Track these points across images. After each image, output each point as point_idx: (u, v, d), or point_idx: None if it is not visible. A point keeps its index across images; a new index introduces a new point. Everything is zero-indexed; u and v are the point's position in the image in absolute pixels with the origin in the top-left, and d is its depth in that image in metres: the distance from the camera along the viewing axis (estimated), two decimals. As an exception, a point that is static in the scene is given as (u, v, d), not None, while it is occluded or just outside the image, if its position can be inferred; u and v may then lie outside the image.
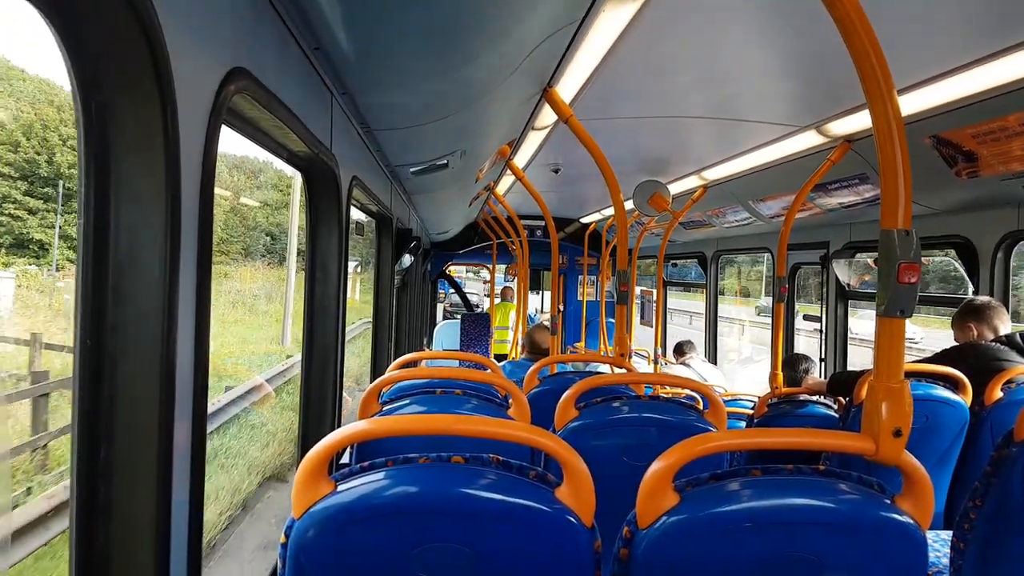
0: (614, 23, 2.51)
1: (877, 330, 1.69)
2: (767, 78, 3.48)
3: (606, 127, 4.35)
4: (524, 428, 1.59)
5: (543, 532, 1.45)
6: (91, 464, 1.24)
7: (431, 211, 7.28)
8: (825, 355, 6.32)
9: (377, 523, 1.43)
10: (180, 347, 1.31)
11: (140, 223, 1.24)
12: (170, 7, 1.20)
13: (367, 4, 1.71)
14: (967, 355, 3.39)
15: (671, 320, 18.75)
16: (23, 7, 1.07)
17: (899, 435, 1.62)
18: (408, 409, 2.54)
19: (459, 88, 2.60)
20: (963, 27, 2.57)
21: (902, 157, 1.62)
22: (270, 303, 21.95)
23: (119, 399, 1.25)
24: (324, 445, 1.47)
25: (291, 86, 1.99)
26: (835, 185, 4.77)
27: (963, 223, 4.56)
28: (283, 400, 12.14)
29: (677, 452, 1.53)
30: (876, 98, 1.63)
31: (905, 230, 1.64)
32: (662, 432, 2.47)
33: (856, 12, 1.61)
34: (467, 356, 4.48)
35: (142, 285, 1.25)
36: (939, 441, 3.13)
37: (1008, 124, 3.11)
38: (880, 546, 1.52)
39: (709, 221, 7.38)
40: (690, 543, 1.50)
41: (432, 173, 4.28)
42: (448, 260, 12.19)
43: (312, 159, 2.49)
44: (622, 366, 3.73)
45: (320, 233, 2.78)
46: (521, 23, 2.12)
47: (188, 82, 1.29)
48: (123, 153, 1.22)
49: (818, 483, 1.58)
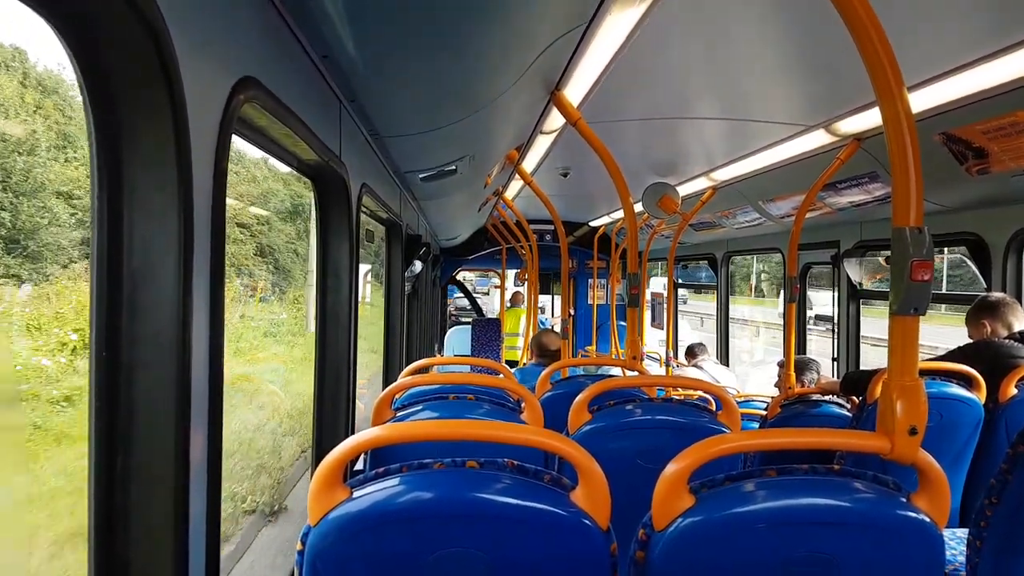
0: (621, 25, 2.51)
1: (891, 328, 1.69)
2: (775, 77, 3.48)
3: (614, 129, 4.35)
4: (538, 432, 1.60)
5: (559, 536, 1.45)
6: (109, 474, 1.25)
7: (440, 217, 7.29)
8: (837, 355, 6.29)
9: (393, 529, 1.43)
10: (195, 358, 1.31)
11: (153, 235, 1.25)
12: (180, 18, 1.21)
13: (375, 12, 1.72)
14: (981, 352, 3.36)
15: (702, 326, 18.45)
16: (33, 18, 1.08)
17: (915, 433, 1.61)
18: (421, 415, 2.55)
19: (467, 94, 2.60)
20: (972, 23, 2.56)
21: (913, 154, 1.62)
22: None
23: (136, 411, 1.26)
24: (339, 452, 1.48)
25: (300, 95, 2.01)
26: (845, 184, 4.75)
27: (974, 220, 4.54)
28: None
29: (692, 454, 1.53)
30: (886, 96, 1.62)
31: (918, 228, 1.63)
32: (676, 434, 2.46)
33: (865, 9, 1.60)
34: (479, 361, 4.49)
35: (157, 297, 1.25)
36: (954, 439, 3.11)
37: (1018, 120, 3.09)
38: (897, 545, 1.52)
39: (719, 222, 7.37)
40: (706, 544, 1.50)
41: (441, 179, 4.29)
42: (458, 266, 12.20)
43: (322, 167, 2.50)
44: (634, 369, 3.72)
45: (331, 241, 2.79)
46: (528, 27, 2.13)
47: (198, 93, 1.30)
48: (135, 166, 1.23)
49: (834, 482, 1.58)
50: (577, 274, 12.00)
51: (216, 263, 1.41)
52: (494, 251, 11.30)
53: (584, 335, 11.84)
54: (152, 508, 1.28)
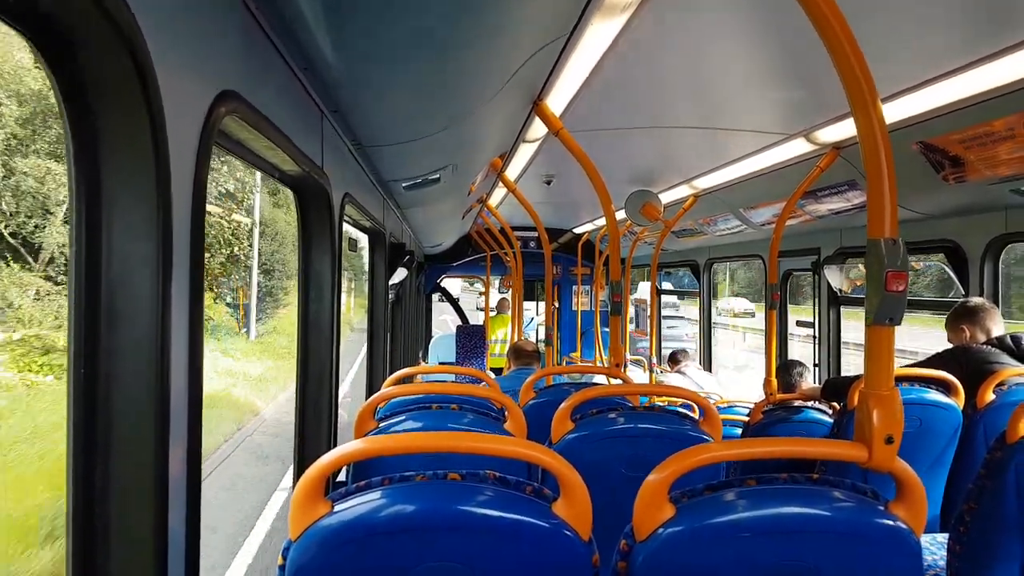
0: (602, 36, 2.53)
1: (867, 338, 1.71)
2: (754, 87, 3.51)
3: (596, 138, 4.37)
4: (519, 444, 1.60)
5: (541, 547, 1.46)
6: (87, 488, 1.25)
7: (424, 224, 7.28)
8: (819, 360, 6.34)
9: (375, 542, 1.43)
10: (174, 370, 1.31)
11: (132, 248, 1.25)
12: (159, 33, 1.21)
13: (356, 25, 1.73)
14: (959, 358, 3.40)
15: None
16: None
17: (891, 442, 1.63)
18: (404, 426, 2.54)
19: (449, 104, 2.61)
20: (948, 34, 2.59)
21: (887, 166, 1.64)
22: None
23: (114, 424, 1.25)
24: (319, 466, 1.47)
25: (281, 106, 2.00)
26: (824, 192, 4.79)
27: (952, 227, 4.59)
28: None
29: (672, 464, 1.54)
30: (861, 108, 1.65)
31: (892, 239, 1.65)
32: (658, 443, 2.48)
33: (839, 22, 1.62)
34: (462, 370, 4.49)
35: (135, 309, 1.25)
36: (933, 444, 3.14)
37: (993, 129, 3.14)
38: (875, 552, 1.53)
39: (701, 229, 7.41)
40: (687, 554, 1.50)
41: (424, 188, 4.29)
42: (442, 273, 12.18)
43: (304, 177, 2.50)
44: (617, 376, 3.74)
45: (313, 250, 2.79)
46: (509, 39, 2.14)
47: (178, 106, 1.30)
48: (114, 179, 1.23)
49: (812, 491, 1.59)
50: (561, 280, 12.02)
51: (195, 275, 1.41)
52: (478, 258, 11.29)
53: (569, 342, 11.85)
54: (131, 522, 1.27)
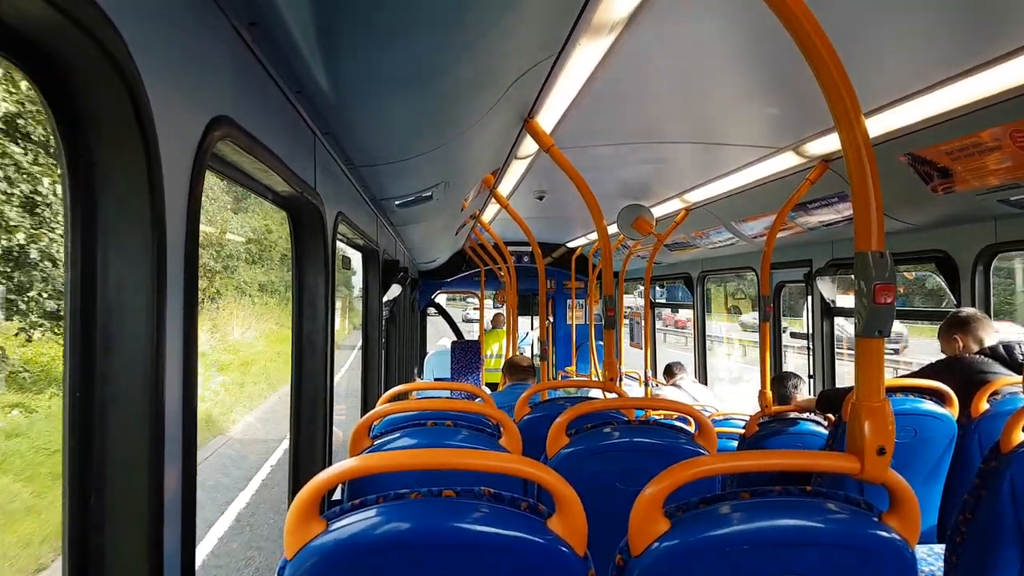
0: (591, 54, 2.55)
1: (856, 351, 1.72)
2: (744, 102, 3.54)
3: (587, 154, 4.40)
4: (514, 460, 1.61)
5: (536, 563, 1.46)
6: (82, 512, 1.25)
7: (418, 241, 7.30)
8: (813, 372, 6.35)
9: (370, 560, 1.43)
10: (168, 394, 1.32)
11: (127, 273, 1.26)
12: (152, 62, 1.22)
13: (347, 47, 1.74)
14: (952, 368, 3.41)
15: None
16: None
17: (883, 453, 1.64)
18: (399, 443, 2.54)
19: (440, 123, 2.63)
20: (933, 47, 2.62)
21: (873, 180, 1.66)
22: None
23: (109, 447, 1.26)
24: (314, 484, 1.48)
25: (274, 129, 2.02)
26: (815, 204, 4.83)
27: (942, 238, 4.62)
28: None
29: (666, 478, 1.55)
30: (844, 124, 1.66)
31: (879, 251, 1.67)
32: (653, 457, 2.48)
33: (821, 39, 1.64)
34: (457, 386, 4.49)
35: (130, 334, 1.26)
36: (928, 455, 3.15)
37: (980, 140, 3.17)
38: (869, 564, 1.54)
39: (693, 242, 7.44)
40: (682, 568, 1.51)
41: (417, 205, 4.30)
42: (436, 289, 12.18)
43: (297, 198, 2.51)
44: (612, 390, 3.75)
45: (306, 270, 2.79)
46: (499, 60, 2.16)
47: (171, 133, 1.31)
48: (109, 205, 1.24)
49: (806, 504, 1.60)
50: (555, 295, 12.03)
51: (189, 300, 1.42)
52: (472, 273, 11.30)
53: (563, 356, 11.84)
54: (128, 544, 1.27)
